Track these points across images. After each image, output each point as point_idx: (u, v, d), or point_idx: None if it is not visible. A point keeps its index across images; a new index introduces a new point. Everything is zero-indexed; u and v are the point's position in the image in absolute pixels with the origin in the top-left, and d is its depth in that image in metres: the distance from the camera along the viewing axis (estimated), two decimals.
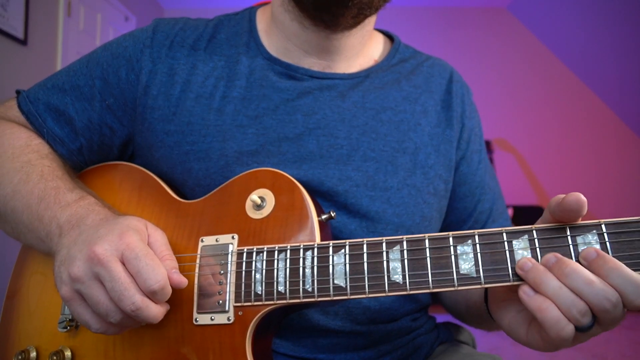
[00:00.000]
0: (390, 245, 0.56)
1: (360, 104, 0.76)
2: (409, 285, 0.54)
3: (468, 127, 0.84)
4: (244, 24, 0.81)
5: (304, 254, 0.58)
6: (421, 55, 0.88)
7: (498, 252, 0.52)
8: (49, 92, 0.78)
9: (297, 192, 0.63)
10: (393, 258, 0.55)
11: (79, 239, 0.58)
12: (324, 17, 0.72)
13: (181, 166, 0.73)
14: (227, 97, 0.74)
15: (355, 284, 0.55)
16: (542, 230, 0.51)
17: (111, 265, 0.54)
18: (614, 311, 0.46)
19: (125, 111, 0.76)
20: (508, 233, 0.52)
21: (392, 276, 0.54)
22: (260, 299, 0.58)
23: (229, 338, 0.59)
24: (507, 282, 0.51)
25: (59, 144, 0.77)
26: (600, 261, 0.47)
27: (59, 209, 0.64)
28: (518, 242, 0.52)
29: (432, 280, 0.53)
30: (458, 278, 0.52)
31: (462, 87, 0.86)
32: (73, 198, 0.66)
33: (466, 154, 0.83)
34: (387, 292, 0.54)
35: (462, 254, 0.53)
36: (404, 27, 3.93)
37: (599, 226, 0.50)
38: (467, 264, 0.52)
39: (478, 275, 0.52)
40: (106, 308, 0.55)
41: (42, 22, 2.98)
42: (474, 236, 0.53)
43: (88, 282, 0.55)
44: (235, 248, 0.62)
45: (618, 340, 3.21)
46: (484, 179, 0.85)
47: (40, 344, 0.69)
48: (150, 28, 0.79)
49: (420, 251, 0.54)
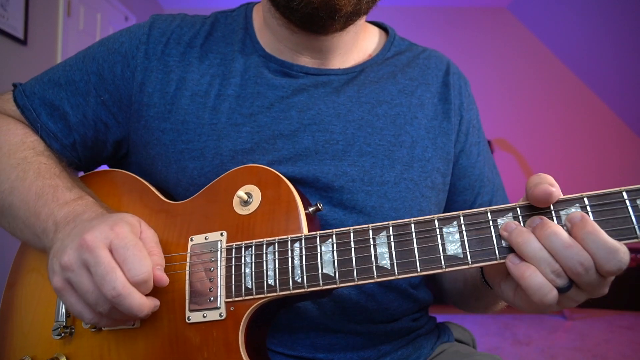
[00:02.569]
0: (377, 231, 0.56)
1: (356, 98, 0.76)
2: (397, 270, 0.54)
3: (466, 119, 0.83)
4: (240, 21, 0.81)
5: (292, 245, 0.59)
6: (417, 48, 0.87)
7: (483, 231, 0.52)
8: (44, 86, 0.78)
9: (283, 186, 0.64)
10: (380, 243, 0.55)
11: (72, 232, 0.59)
12: (311, 27, 0.72)
13: (176, 164, 0.73)
14: (222, 96, 0.74)
15: (343, 272, 0.56)
16: (526, 207, 0.52)
17: (97, 250, 0.54)
18: (586, 275, 0.47)
19: (121, 108, 0.76)
20: (493, 212, 0.53)
21: (379, 262, 0.55)
22: (250, 293, 0.59)
23: (222, 334, 0.59)
24: (494, 261, 0.51)
25: (52, 138, 0.77)
26: (581, 224, 0.48)
27: (57, 207, 0.64)
28: (503, 220, 0.52)
29: (419, 263, 0.53)
30: (445, 259, 0.53)
31: (459, 78, 0.85)
32: (71, 197, 0.66)
33: (465, 146, 0.82)
34: (375, 277, 0.55)
35: (448, 235, 0.53)
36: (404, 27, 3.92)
37: (582, 199, 0.50)
38: (454, 245, 0.53)
39: (465, 256, 0.52)
40: (95, 296, 0.55)
41: (42, 22, 2.98)
42: (459, 217, 0.54)
43: (77, 269, 0.55)
44: (224, 244, 0.62)
45: (618, 340, 3.20)
46: (483, 172, 0.84)
47: (35, 353, 0.69)
48: (147, 24, 0.78)
49: (406, 235, 0.55)
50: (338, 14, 0.68)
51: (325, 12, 0.67)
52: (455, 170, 0.82)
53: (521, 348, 3.09)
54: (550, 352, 3.00)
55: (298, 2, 0.66)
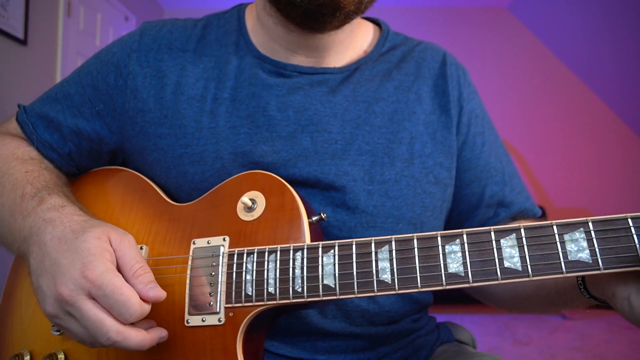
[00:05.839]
0: (379, 245, 0.56)
1: (352, 97, 0.75)
2: (398, 285, 0.54)
3: (467, 110, 0.81)
4: (233, 22, 0.81)
5: (294, 254, 0.59)
6: (412, 41, 0.86)
7: (486, 250, 0.52)
8: (43, 103, 0.80)
9: (287, 193, 0.64)
10: (382, 258, 0.55)
11: (42, 268, 0.56)
12: (310, 24, 0.71)
13: (175, 170, 0.72)
14: (218, 99, 0.74)
15: (344, 284, 0.56)
16: (530, 229, 0.52)
17: (79, 304, 0.53)
18: None
19: (115, 117, 0.76)
20: (496, 232, 0.52)
21: (380, 276, 0.55)
22: (250, 300, 0.59)
23: (220, 339, 0.59)
24: (495, 281, 0.51)
25: (49, 149, 0.78)
26: None
27: (22, 220, 0.63)
28: (506, 241, 0.52)
29: (420, 279, 0.53)
30: (446, 277, 0.52)
31: (457, 69, 0.83)
32: (32, 205, 0.63)
33: (468, 138, 0.80)
34: (375, 291, 0.54)
35: (450, 253, 0.53)
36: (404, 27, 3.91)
37: (586, 224, 0.50)
38: (456, 263, 0.53)
39: (466, 274, 0.52)
40: (89, 337, 0.54)
41: (42, 22, 2.98)
42: (462, 235, 0.53)
43: (64, 317, 0.55)
44: (226, 250, 0.62)
45: (618, 340, 3.21)
46: (489, 162, 0.82)
47: (34, 348, 0.69)
48: (138, 32, 0.79)
49: (408, 251, 0.55)
50: (340, 11, 0.67)
51: (328, 9, 0.67)
52: (459, 163, 0.80)
53: (521, 348, 3.09)
54: (550, 352, 3.01)
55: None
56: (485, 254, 0.52)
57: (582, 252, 0.49)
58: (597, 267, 0.49)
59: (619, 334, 3.30)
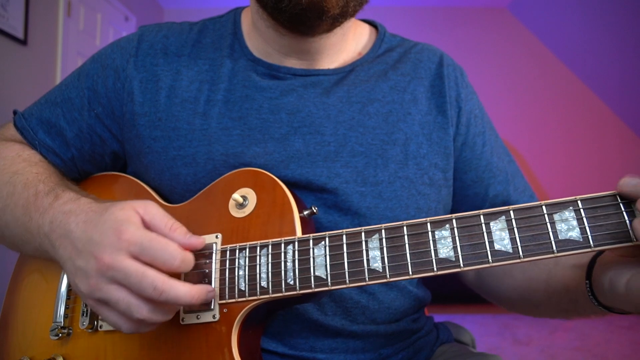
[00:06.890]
0: (369, 234, 0.56)
1: (346, 98, 0.75)
2: (389, 273, 0.54)
3: (466, 110, 0.80)
4: (229, 26, 0.82)
5: (285, 248, 0.59)
6: (409, 43, 0.85)
7: (476, 234, 0.52)
8: (42, 107, 0.80)
9: (278, 189, 0.64)
10: (372, 247, 0.56)
11: (77, 252, 0.57)
12: (299, 28, 0.72)
13: (169, 172, 0.73)
14: (211, 101, 0.74)
15: (335, 274, 0.56)
16: (519, 210, 0.52)
17: (123, 264, 0.53)
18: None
19: (114, 119, 0.77)
20: (485, 215, 0.52)
21: (371, 264, 0.55)
22: (244, 295, 0.59)
23: (216, 336, 0.60)
24: (486, 264, 0.51)
25: (52, 154, 0.78)
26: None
27: (39, 217, 0.63)
28: (495, 224, 0.52)
29: (411, 266, 0.54)
30: (437, 262, 0.53)
31: (454, 69, 0.83)
32: (48, 201, 0.64)
33: (467, 138, 0.80)
34: (367, 280, 0.55)
35: (440, 238, 0.53)
36: (404, 27, 3.92)
37: (575, 202, 0.50)
38: (446, 249, 0.53)
39: (457, 259, 0.52)
40: (127, 304, 0.54)
41: (42, 22, 2.98)
42: (451, 220, 0.53)
43: (105, 288, 0.54)
44: (219, 247, 0.63)
45: (618, 340, 3.20)
46: (491, 162, 0.81)
47: (34, 354, 0.70)
48: (136, 37, 0.80)
49: (398, 238, 0.55)
50: (325, 15, 0.67)
51: (312, 13, 0.67)
52: (460, 164, 0.80)
53: (521, 348, 3.09)
54: (550, 352, 3.01)
55: (286, 4, 0.66)
56: (475, 238, 0.52)
57: (572, 231, 0.49)
58: (587, 245, 0.49)
59: (618, 334, 3.30)
